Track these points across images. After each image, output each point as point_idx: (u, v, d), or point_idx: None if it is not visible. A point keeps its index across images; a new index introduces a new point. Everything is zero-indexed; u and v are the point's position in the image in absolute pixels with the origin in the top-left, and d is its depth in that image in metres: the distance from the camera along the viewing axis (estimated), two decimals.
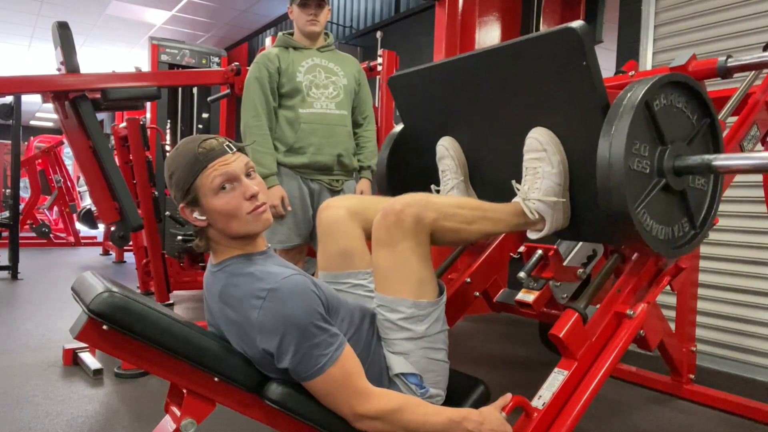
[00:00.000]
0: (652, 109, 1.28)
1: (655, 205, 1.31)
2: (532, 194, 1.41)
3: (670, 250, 1.36)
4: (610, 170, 1.23)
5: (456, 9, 3.81)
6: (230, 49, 8.10)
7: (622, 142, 1.21)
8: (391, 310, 1.29)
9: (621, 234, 1.32)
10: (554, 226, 1.44)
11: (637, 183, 1.27)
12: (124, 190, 3.13)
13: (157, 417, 1.36)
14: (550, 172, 1.41)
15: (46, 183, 7.90)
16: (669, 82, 1.31)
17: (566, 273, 1.71)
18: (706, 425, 2.05)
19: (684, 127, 1.37)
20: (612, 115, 1.25)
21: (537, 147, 1.42)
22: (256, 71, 2.30)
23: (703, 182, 1.43)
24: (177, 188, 1.17)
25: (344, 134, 2.40)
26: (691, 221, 1.41)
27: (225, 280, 1.18)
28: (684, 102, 1.36)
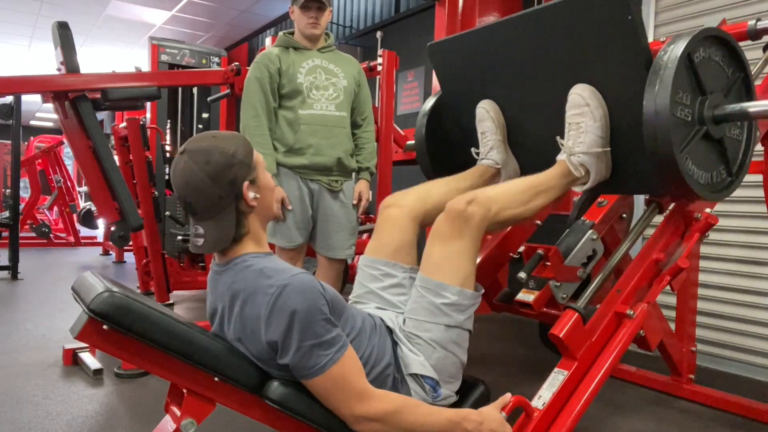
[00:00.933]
0: (693, 61, 1.37)
1: (697, 151, 1.41)
2: (577, 148, 1.51)
3: (710, 193, 1.46)
4: (657, 117, 1.32)
5: (456, 9, 3.81)
6: (230, 49, 8.10)
7: (668, 91, 1.30)
8: (436, 294, 1.33)
9: (665, 179, 1.41)
10: (598, 177, 1.54)
11: (681, 130, 1.37)
12: (124, 190, 3.13)
13: (157, 417, 1.36)
14: (593, 126, 1.50)
15: (46, 183, 7.90)
16: (708, 36, 1.41)
17: (566, 273, 1.71)
18: (706, 425, 2.05)
19: (721, 80, 1.47)
20: (657, 66, 1.34)
21: (580, 102, 1.51)
22: (256, 71, 2.29)
23: (738, 132, 1.53)
24: (243, 164, 1.17)
25: (343, 135, 2.39)
26: (728, 168, 1.51)
27: (234, 277, 1.18)
28: (720, 56, 1.46)
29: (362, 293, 1.53)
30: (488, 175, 1.85)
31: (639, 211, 2.53)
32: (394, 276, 1.49)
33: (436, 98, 2.09)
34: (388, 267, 1.50)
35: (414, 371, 1.28)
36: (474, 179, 1.82)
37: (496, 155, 1.83)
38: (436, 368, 1.30)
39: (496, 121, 1.81)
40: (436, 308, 1.32)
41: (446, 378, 1.32)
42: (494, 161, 1.85)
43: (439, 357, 1.30)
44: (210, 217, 1.16)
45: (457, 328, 1.33)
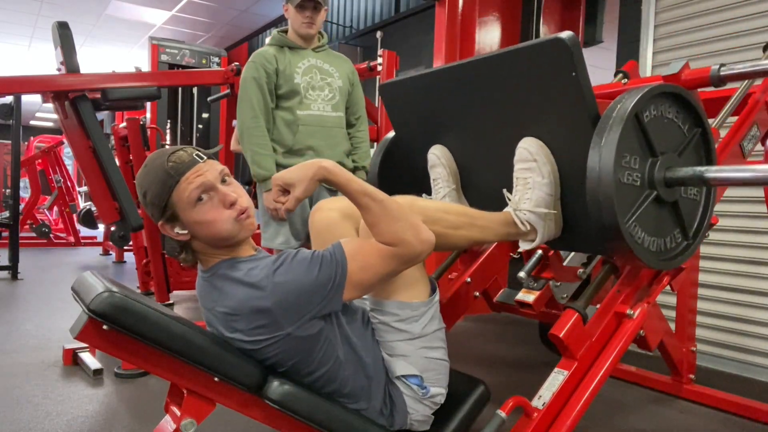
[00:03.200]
0: (641, 120, 1.26)
1: (647, 217, 1.29)
2: (523, 205, 1.40)
3: (661, 262, 1.34)
4: (600, 183, 1.21)
5: (456, 9, 3.81)
6: (230, 49, 8.10)
7: (612, 155, 1.20)
8: (384, 313, 1.29)
9: (611, 246, 1.31)
10: (546, 236, 1.42)
11: (628, 195, 1.25)
12: (124, 190, 3.13)
13: (157, 417, 1.36)
14: (540, 183, 1.39)
15: (46, 183, 7.89)
16: (659, 93, 1.29)
17: (566, 273, 1.71)
18: (706, 425, 2.05)
19: (675, 138, 1.35)
20: (602, 127, 1.23)
21: (527, 157, 1.41)
22: (252, 71, 2.27)
23: (696, 192, 1.40)
24: (153, 206, 1.14)
25: (341, 136, 2.40)
26: (684, 232, 1.38)
27: (220, 285, 1.17)
28: (675, 112, 1.34)
29: None
30: None
31: None
32: None
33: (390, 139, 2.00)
34: None
35: (398, 373, 1.27)
36: None
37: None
38: (418, 368, 1.29)
39: (448, 167, 1.71)
40: (390, 327, 1.29)
41: (432, 377, 1.31)
42: None
43: (417, 360, 1.29)
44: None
45: (418, 337, 1.29)
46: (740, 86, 1.87)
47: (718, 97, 1.96)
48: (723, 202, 2.16)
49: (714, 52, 2.85)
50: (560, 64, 1.28)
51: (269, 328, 1.13)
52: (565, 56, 1.26)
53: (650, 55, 3.13)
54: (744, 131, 1.75)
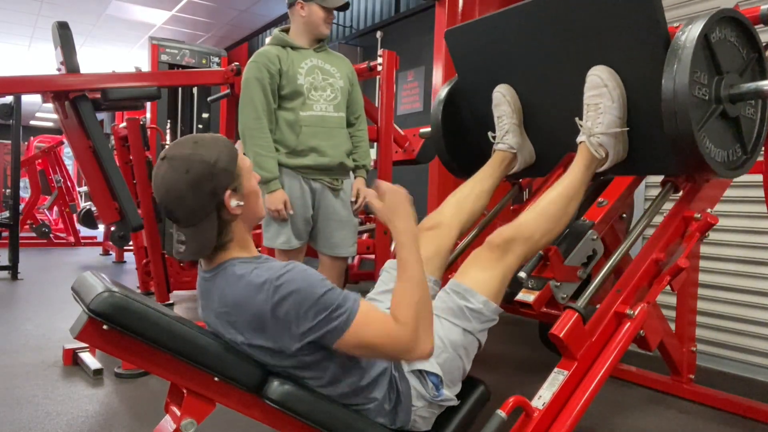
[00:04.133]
0: (710, 41, 1.41)
1: (714, 129, 1.44)
2: (596, 129, 1.54)
3: (726, 171, 1.50)
4: (675, 96, 1.35)
5: (456, 9, 3.81)
6: (230, 49, 8.10)
7: (686, 71, 1.34)
8: (463, 298, 1.36)
9: (683, 157, 1.44)
10: (616, 158, 1.58)
11: (699, 109, 1.39)
12: (124, 190, 3.14)
13: (157, 417, 1.36)
14: (611, 106, 1.53)
15: (46, 183, 7.89)
16: (724, 17, 1.44)
17: (566, 273, 1.71)
18: (706, 425, 2.05)
19: (736, 60, 1.50)
20: (675, 46, 1.37)
21: (598, 83, 1.55)
22: (255, 71, 2.26)
23: (753, 112, 1.57)
24: (225, 172, 1.14)
25: (343, 136, 2.40)
26: (743, 146, 1.55)
27: (224, 284, 1.17)
28: (735, 37, 1.49)
29: (380, 291, 1.56)
30: (506, 161, 1.90)
31: (639, 212, 2.53)
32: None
33: (451, 85, 2.13)
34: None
35: (419, 367, 1.28)
36: (494, 173, 1.88)
37: (511, 139, 1.87)
38: (442, 368, 1.30)
39: (513, 105, 1.84)
40: (460, 310, 1.35)
41: (448, 381, 1.32)
42: (509, 145, 1.88)
43: (447, 357, 1.31)
44: (191, 225, 1.15)
45: (472, 335, 1.35)
46: None
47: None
48: (723, 202, 2.15)
49: None
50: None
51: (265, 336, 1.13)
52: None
53: None
54: None
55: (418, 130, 3.38)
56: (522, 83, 1.84)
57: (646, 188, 3.06)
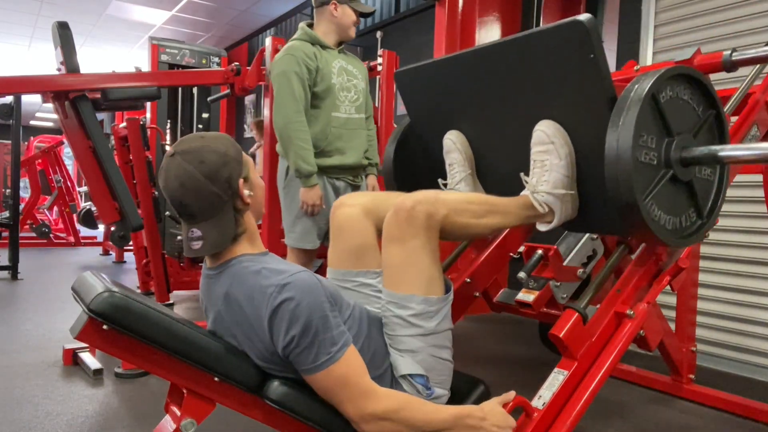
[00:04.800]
0: (659, 101, 1.30)
1: (663, 195, 1.33)
2: (541, 187, 1.44)
3: (677, 240, 1.38)
4: (618, 162, 1.24)
5: (456, 9, 3.81)
6: (230, 49, 8.09)
7: (630, 134, 1.23)
8: (400, 307, 1.30)
9: (629, 224, 1.34)
10: (563, 217, 1.46)
11: (645, 174, 1.29)
12: (124, 190, 3.13)
13: (157, 417, 1.36)
14: (558, 164, 1.43)
15: (46, 183, 7.89)
16: (675, 74, 1.33)
17: (566, 273, 1.71)
18: (706, 425, 2.05)
19: (690, 119, 1.39)
20: (619, 108, 1.27)
21: (544, 139, 1.44)
22: (294, 65, 2.23)
23: (710, 172, 1.45)
24: (235, 161, 1.17)
25: (363, 137, 2.46)
26: (699, 211, 1.43)
27: (231, 279, 1.18)
28: (689, 94, 1.38)
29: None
30: None
31: None
32: (369, 284, 1.45)
33: (405, 126, 2.02)
34: (360, 276, 1.45)
35: (403, 372, 1.28)
36: None
37: (464, 188, 1.76)
38: (424, 368, 1.29)
39: (464, 153, 1.74)
40: (404, 321, 1.30)
41: (436, 377, 1.31)
42: None
43: (424, 358, 1.30)
44: (208, 218, 1.15)
45: (431, 334, 1.30)
46: (740, 86, 1.87)
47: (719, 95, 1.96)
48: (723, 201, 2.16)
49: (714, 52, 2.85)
50: (578, 46, 1.31)
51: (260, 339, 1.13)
52: (584, 38, 1.29)
53: (650, 55, 3.14)
54: (744, 131, 1.76)
55: None
56: (472, 130, 1.73)
57: None
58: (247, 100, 7.64)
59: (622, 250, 1.54)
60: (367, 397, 1.11)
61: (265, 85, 2.96)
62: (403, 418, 1.12)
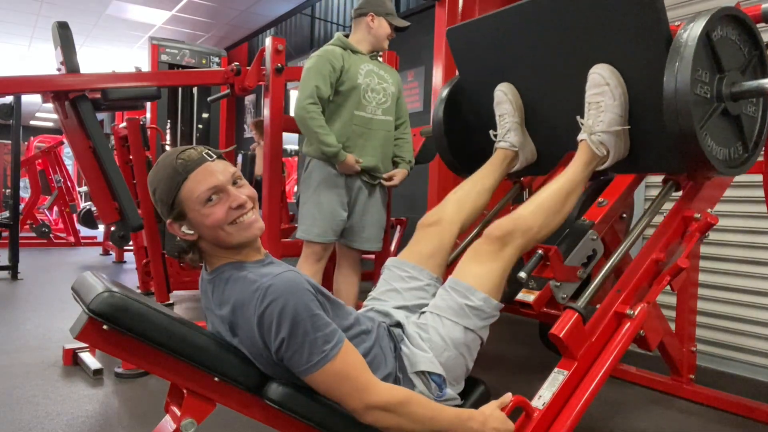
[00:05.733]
0: (711, 39, 1.41)
1: (715, 127, 1.45)
2: (597, 127, 1.55)
3: (728, 169, 1.50)
4: (677, 94, 1.35)
5: (456, 9, 3.81)
6: (230, 49, 8.10)
7: (688, 69, 1.34)
8: (463, 296, 1.36)
9: (685, 155, 1.45)
10: (617, 156, 1.58)
11: (700, 107, 1.40)
12: (124, 190, 3.13)
13: (157, 417, 1.36)
14: (612, 105, 1.54)
15: (46, 183, 7.89)
16: (725, 15, 1.45)
17: (566, 273, 1.71)
18: (706, 425, 2.05)
19: (737, 58, 1.51)
20: (677, 44, 1.38)
21: (600, 82, 1.55)
22: (320, 65, 2.36)
23: (754, 110, 1.57)
24: (162, 203, 1.15)
25: (384, 139, 2.52)
26: (744, 145, 1.56)
27: (222, 287, 1.17)
28: (737, 35, 1.49)
29: (384, 291, 1.56)
30: (508, 160, 1.90)
31: (639, 211, 2.53)
32: (420, 280, 1.54)
33: (452, 84, 2.14)
34: (416, 271, 1.55)
35: (421, 368, 1.28)
36: (496, 171, 1.88)
37: (513, 137, 1.87)
38: (445, 367, 1.30)
39: (514, 103, 1.84)
40: (461, 308, 1.35)
41: (452, 379, 1.32)
42: (511, 144, 1.88)
43: (450, 356, 1.31)
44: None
45: (473, 332, 1.35)
46: None
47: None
48: (723, 202, 2.16)
49: None
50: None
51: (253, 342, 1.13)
52: None
53: None
54: None
55: (419, 129, 3.38)
56: (524, 82, 1.85)
57: (646, 188, 3.06)
58: (247, 100, 7.64)
59: (669, 186, 1.65)
60: (368, 390, 1.11)
61: (264, 85, 2.96)
62: (407, 412, 1.12)
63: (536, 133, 1.90)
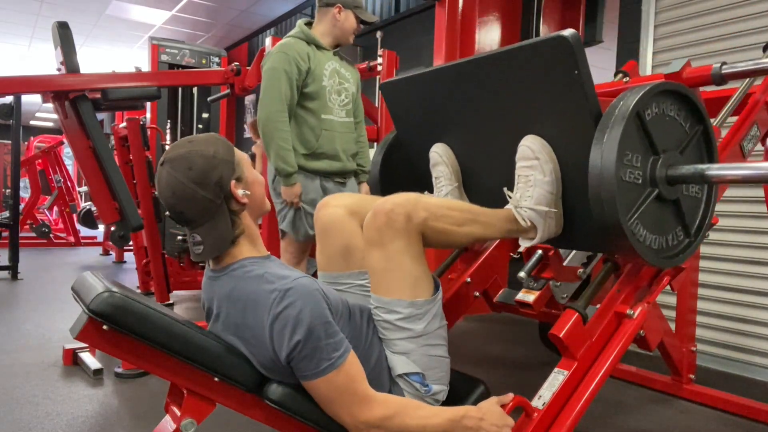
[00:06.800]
0: (643, 118, 1.26)
1: (648, 215, 1.29)
2: (524, 202, 1.40)
3: (663, 260, 1.34)
4: (602, 181, 1.21)
5: (456, 9, 3.81)
6: (230, 49, 8.10)
7: (614, 153, 1.19)
8: (388, 311, 1.29)
9: (613, 244, 1.31)
10: (546, 234, 1.42)
11: (630, 193, 1.25)
12: (124, 190, 3.13)
13: (157, 417, 1.36)
14: (542, 181, 1.39)
15: (46, 183, 7.89)
16: (660, 91, 1.29)
17: (566, 273, 1.71)
18: (706, 425, 2.05)
19: (676, 135, 1.35)
20: (603, 125, 1.23)
21: (529, 155, 1.40)
22: (285, 63, 2.24)
23: (697, 189, 1.41)
24: (226, 163, 1.16)
25: (352, 140, 2.49)
26: (686, 229, 1.38)
27: (234, 283, 1.17)
28: (676, 110, 1.34)
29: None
30: None
31: None
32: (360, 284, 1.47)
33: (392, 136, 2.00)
34: (352, 278, 1.47)
35: (399, 372, 1.28)
36: None
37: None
38: (419, 365, 1.30)
39: (450, 166, 1.71)
40: (393, 325, 1.29)
41: (433, 375, 1.31)
42: None
43: (417, 359, 1.30)
44: (204, 222, 1.16)
45: (421, 335, 1.30)
46: (740, 86, 1.87)
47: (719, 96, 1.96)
48: (723, 202, 2.16)
49: (714, 52, 2.85)
50: (562, 62, 1.27)
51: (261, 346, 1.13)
52: (568, 54, 1.25)
53: (650, 55, 3.13)
54: (744, 131, 1.75)
55: None
56: (459, 143, 1.71)
57: None
58: (247, 100, 7.64)
59: (609, 269, 1.51)
60: (362, 405, 1.11)
61: None
62: (397, 425, 1.13)
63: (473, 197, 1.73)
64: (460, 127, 1.67)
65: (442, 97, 1.65)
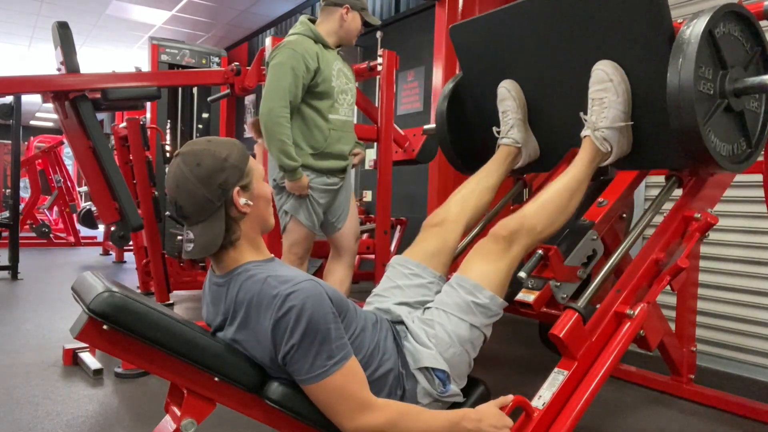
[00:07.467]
0: (714, 36, 1.42)
1: (719, 123, 1.46)
2: (601, 123, 1.56)
3: (731, 165, 1.51)
4: (681, 91, 1.37)
5: (456, 9, 3.81)
6: (230, 49, 8.09)
7: (692, 65, 1.36)
8: (470, 293, 1.37)
9: (688, 152, 1.45)
10: (620, 152, 1.59)
11: (704, 103, 1.42)
12: (124, 190, 3.13)
13: (157, 417, 1.36)
14: (616, 101, 1.55)
15: (46, 183, 7.89)
16: (728, 11, 1.46)
17: (566, 273, 1.71)
18: (706, 425, 2.05)
19: (740, 54, 1.52)
20: (680, 42, 1.39)
21: (603, 78, 1.57)
22: (293, 60, 2.21)
23: (757, 105, 1.59)
24: (235, 168, 1.16)
25: (354, 139, 2.52)
26: (748, 140, 1.57)
27: (238, 287, 1.17)
28: (739, 31, 1.51)
29: (387, 287, 1.56)
30: (511, 156, 1.91)
31: (639, 211, 2.53)
32: (423, 278, 1.54)
33: (455, 80, 2.15)
34: (419, 269, 1.56)
35: (425, 364, 1.29)
36: (499, 169, 1.88)
37: (516, 134, 1.88)
38: (449, 363, 1.31)
39: (518, 100, 1.85)
40: (467, 305, 1.36)
41: (455, 376, 1.33)
42: (514, 140, 1.89)
43: (455, 353, 1.32)
44: (199, 221, 1.15)
45: (478, 329, 1.37)
46: None
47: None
48: (723, 202, 2.16)
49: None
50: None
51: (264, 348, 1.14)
52: None
53: None
54: None
55: (419, 129, 3.38)
56: (527, 79, 1.85)
57: (646, 188, 3.06)
58: (247, 100, 7.64)
59: (672, 183, 1.66)
60: (362, 411, 1.11)
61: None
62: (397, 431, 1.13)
63: (539, 130, 1.90)
64: (529, 62, 1.82)
65: (512, 34, 1.81)
